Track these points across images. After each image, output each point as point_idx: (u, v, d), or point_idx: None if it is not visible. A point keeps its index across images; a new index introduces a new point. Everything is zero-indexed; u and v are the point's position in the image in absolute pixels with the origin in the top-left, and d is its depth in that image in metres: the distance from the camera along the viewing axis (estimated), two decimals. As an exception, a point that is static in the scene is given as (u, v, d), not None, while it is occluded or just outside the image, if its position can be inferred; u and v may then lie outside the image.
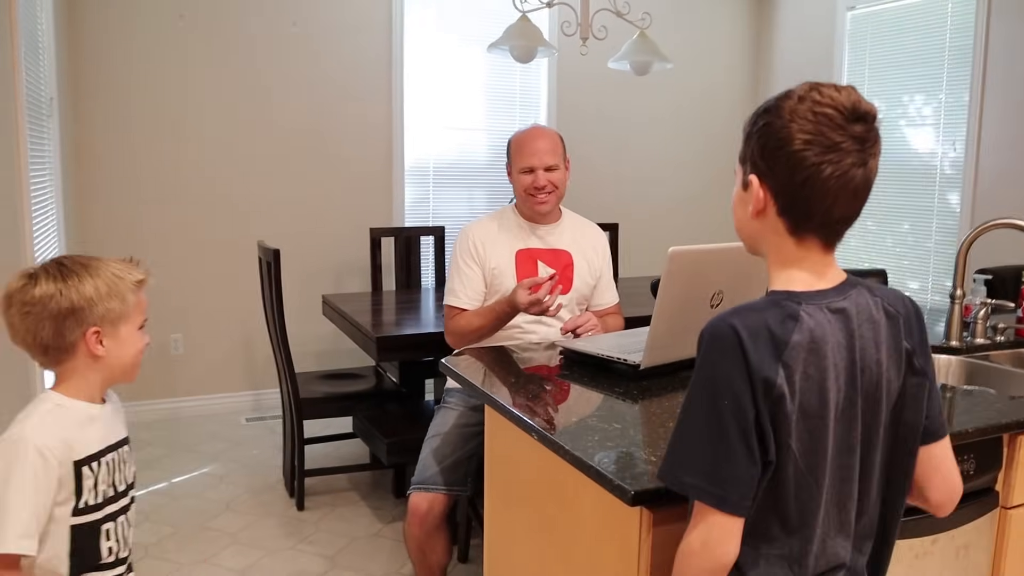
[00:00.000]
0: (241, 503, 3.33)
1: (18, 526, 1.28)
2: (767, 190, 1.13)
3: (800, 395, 1.07)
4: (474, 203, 5.03)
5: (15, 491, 1.29)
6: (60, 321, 1.33)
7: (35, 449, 1.30)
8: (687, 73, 5.36)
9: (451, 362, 2.09)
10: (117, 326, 1.39)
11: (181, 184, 4.32)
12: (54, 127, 3.43)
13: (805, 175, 1.08)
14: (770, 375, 1.05)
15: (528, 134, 2.51)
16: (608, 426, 1.55)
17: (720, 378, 1.06)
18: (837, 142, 1.07)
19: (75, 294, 1.33)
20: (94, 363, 1.38)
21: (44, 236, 3.12)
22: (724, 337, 1.07)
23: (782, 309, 1.09)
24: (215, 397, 4.50)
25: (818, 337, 1.08)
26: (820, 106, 1.08)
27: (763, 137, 1.12)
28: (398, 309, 3.60)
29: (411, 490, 2.30)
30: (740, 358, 1.05)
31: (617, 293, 2.68)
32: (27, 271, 1.36)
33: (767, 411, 1.05)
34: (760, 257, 1.22)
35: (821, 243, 1.14)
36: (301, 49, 4.48)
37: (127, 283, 1.40)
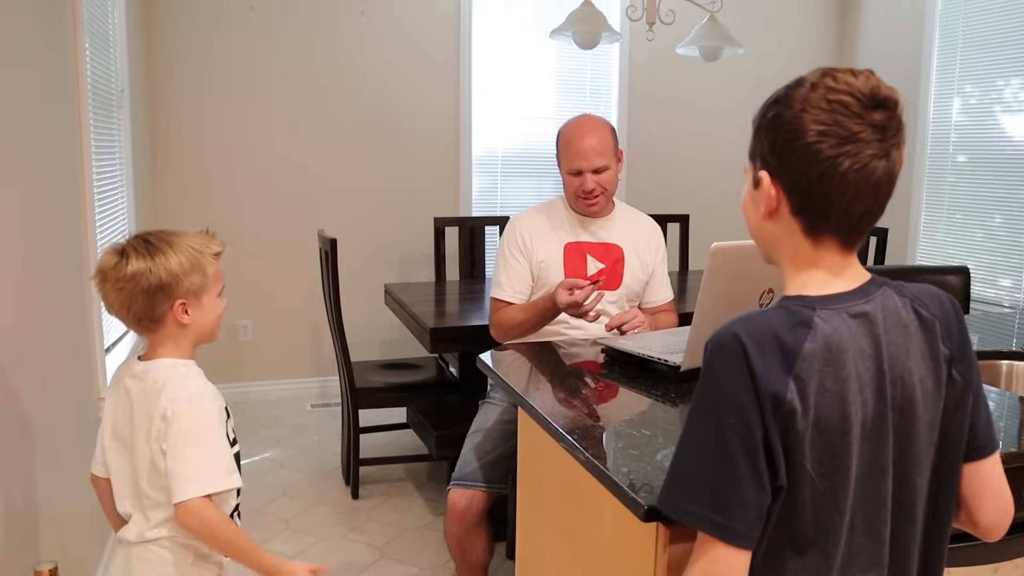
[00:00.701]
0: (298, 489, 3.37)
1: (222, 466, 1.46)
2: (779, 188, 1.03)
3: (816, 410, 0.96)
4: (543, 193, 4.95)
5: (209, 437, 1.46)
6: (151, 296, 1.46)
7: (215, 403, 1.49)
8: (762, 59, 5.15)
9: (492, 357, 2.04)
10: (200, 296, 1.52)
11: (251, 172, 4.39)
12: (125, 117, 3.51)
13: (821, 170, 0.98)
14: (779, 389, 0.94)
15: (576, 130, 2.38)
16: (636, 432, 1.48)
17: (724, 393, 0.96)
18: (855, 132, 0.96)
19: (163, 271, 1.45)
20: (181, 329, 1.52)
21: (113, 223, 3.20)
22: (727, 347, 0.97)
23: (793, 315, 0.99)
24: (282, 383, 4.58)
25: (835, 345, 0.97)
26: (835, 93, 0.97)
27: (773, 130, 1.02)
28: (458, 300, 3.58)
29: (450, 486, 2.26)
30: (745, 371, 0.95)
31: (671, 290, 2.57)
32: (116, 248, 1.48)
33: (776, 429, 0.95)
34: (773, 264, 1.11)
35: (840, 243, 1.03)
36: (369, 37, 4.49)
37: (206, 256, 1.52)
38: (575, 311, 2.18)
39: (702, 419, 0.98)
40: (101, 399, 2.74)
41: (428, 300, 3.47)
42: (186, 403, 1.46)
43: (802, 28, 5.29)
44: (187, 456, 1.44)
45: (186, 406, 1.45)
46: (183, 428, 1.44)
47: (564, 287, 2.18)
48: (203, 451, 1.46)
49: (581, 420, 1.56)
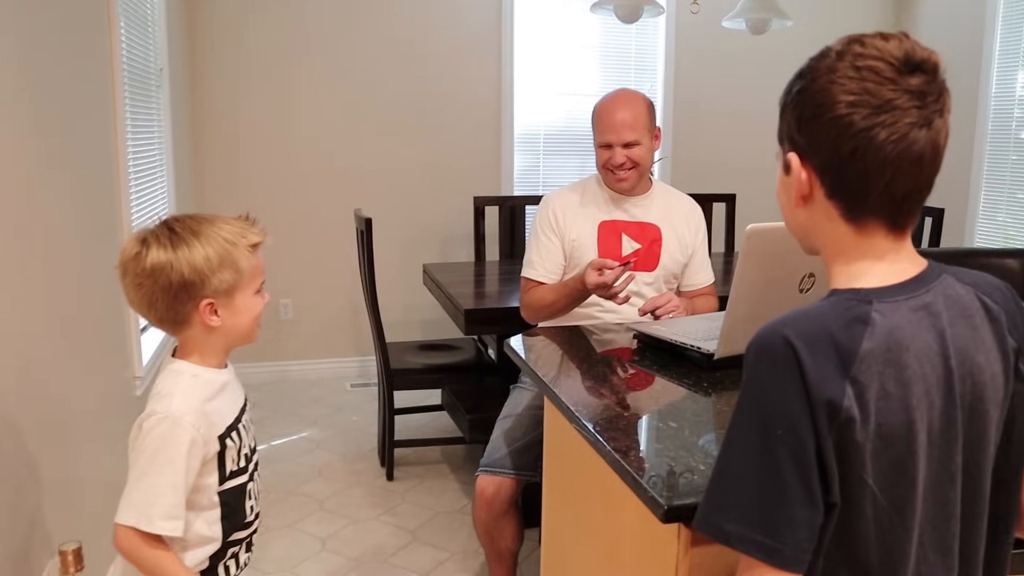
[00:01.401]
0: (333, 470, 3.36)
1: (166, 507, 1.27)
2: (810, 169, 0.93)
3: (877, 417, 0.86)
4: (585, 172, 4.79)
5: (165, 470, 1.27)
6: (172, 295, 1.29)
7: (187, 431, 1.28)
8: (813, 32, 4.93)
9: (522, 342, 1.98)
10: (232, 296, 1.34)
11: (292, 151, 4.38)
12: (164, 97, 3.51)
13: (854, 144, 0.88)
14: (834, 395, 0.84)
15: (610, 104, 2.31)
16: (663, 424, 1.40)
17: (771, 402, 0.86)
18: (889, 99, 0.86)
19: (186, 266, 1.28)
20: (210, 332, 1.35)
21: (152, 203, 3.21)
22: (775, 350, 0.86)
23: (847, 310, 0.88)
24: (322, 362, 4.58)
25: (897, 342, 0.87)
26: (864, 59, 0.88)
27: (799, 106, 0.93)
28: (497, 281, 3.52)
29: (479, 472, 2.21)
30: (796, 376, 0.84)
31: (712, 273, 2.48)
32: (140, 235, 1.32)
33: (832, 441, 0.85)
34: (813, 255, 1.01)
35: (887, 226, 0.92)
36: (410, 13, 4.43)
37: (240, 249, 1.33)
38: (604, 292, 2.10)
39: (747, 431, 0.88)
40: (137, 378, 2.75)
41: (466, 281, 3.42)
42: (158, 422, 1.28)
43: (858, 3, 5.07)
44: (138, 481, 1.28)
45: (157, 426, 1.28)
46: (145, 448, 1.28)
47: (593, 267, 2.10)
48: (152, 483, 1.27)
49: (606, 410, 1.49)
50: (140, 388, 2.74)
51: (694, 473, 1.20)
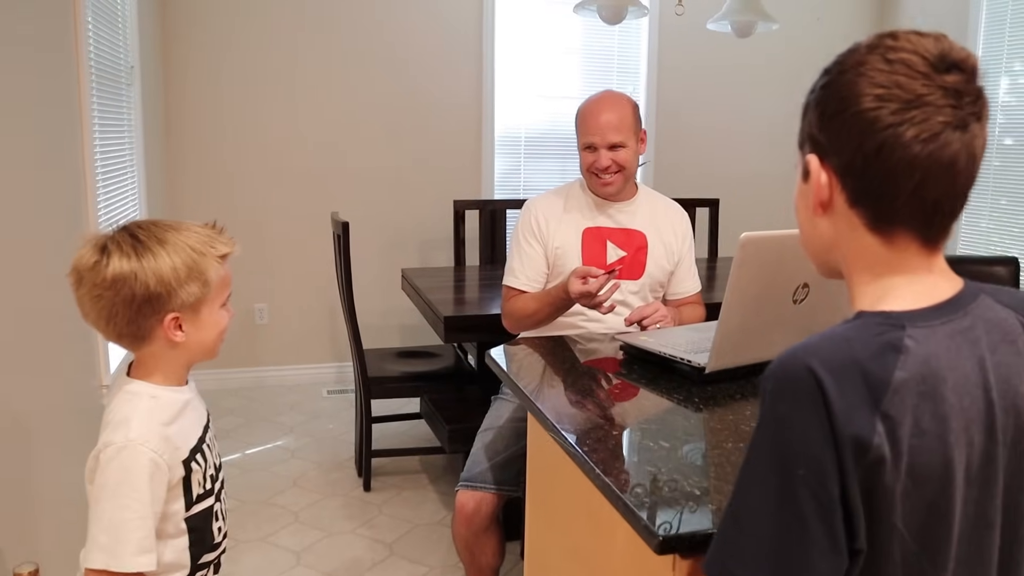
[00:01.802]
0: (308, 480, 3.27)
1: (136, 542, 1.18)
2: (831, 172, 0.84)
3: (910, 456, 0.77)
4: (567, 175, 4.79)
5: (130, 503, 1.18)
6: (135, 309, 1.19)
7: (149, 459, 1.19)
8: (797, 36, 4.93)
9: (504, 352, 1.91)
10: (198, 310, 1.25)
11: (268, 152, 4.28)
12: (135, 96, 3.41)
13: (879, 141, 0.79)
14: (863, 432, 0.76)
15: (594, 105, 2.25)
16: (654, 444, 1.33)
17: (792, 438, 0.77)
18: (921, 94, 0.78)
19: (151, 278, 1.18)
20: (172, 349, 1.25)
21: (122, 205, 3.10)
22: (797, 381, 0.77)
23: (878, 336, 0.79)
24: (298, 368, 4.48)
25: (933, 372, 0.79)
26: (896, 52, 0.80)
27: (822, 102, 0.84)
28: (477, 287, 3.44)
29: (458, 487, 2.14)
30: (821, 409, 0.76)
31: (699, 281, 2.42)
32: (97, 241, 1.21)
33: (858, 481, 0.76)
34: (832, 278, 0.92)
35: (918, 239, 0.83)
36: (390, 14, 4.34)
37: (209, 259, 1.24)
38: (588, 301, 2.03)
39: (764, 469, 0.79)
40: (104, 387, 2.65)
41: (446, 287, 3.34)
42: (116, 452, 1.17)
43: (841, 5, 5.05)
44: (102, 519, 1.18)
45: (116, 456, 1.17)
46: (106, 482, 1.18)
47: (577, 275, 2.03)
48: (119, 519, 1.17)
49: (594, 428, 1.42)
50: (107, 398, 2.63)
51: (690, 500, 1.13)
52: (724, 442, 1.35)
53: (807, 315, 1.71)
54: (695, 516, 1.08)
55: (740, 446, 1.33)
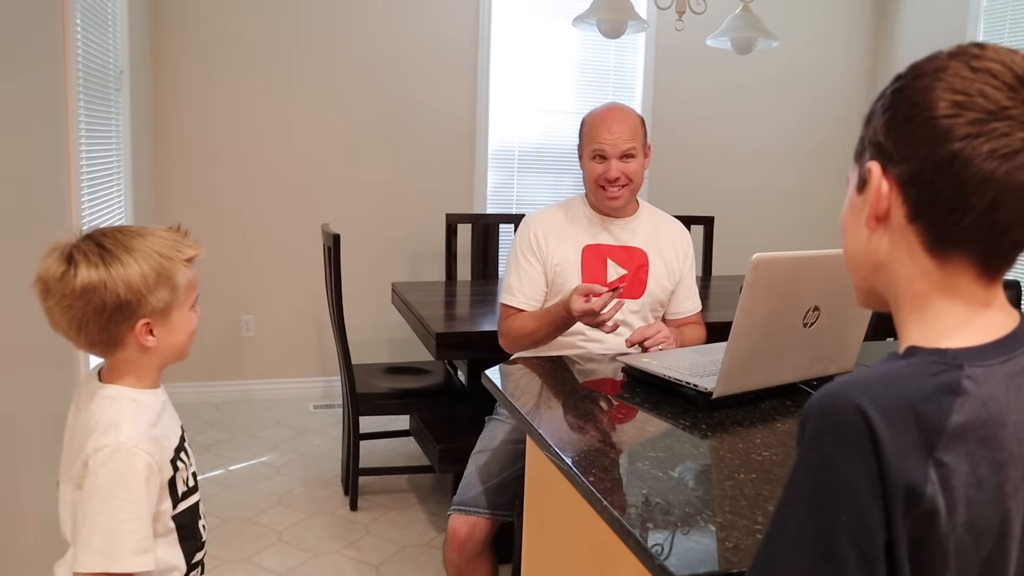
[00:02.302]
0: (293, 498, 3.18)
1: (135, 542, 1.18)
2: (893, 181, 0.76)
3: (967, 508, 0.70)
4: (561, 190, 4.74)
5: (127, 505, 1.18)
6: (106, 317, 1.19)
7: (145, 462, 1.19)
8: (796, 54, 4.91)
9: (501, 372, 1.84)
10: (168, 314, 1.25)
11: (258, 162, 4.21)
12: (124, 101, 3.33)
13: (952, 151, 0.71)
14: (916, 480, 0.69)
15: (604, 114, 2.18)
16: (662, 474, 1.27)
17: (836, 481, 0.70)
18: (1005, 107, 0.71)
19: (121, 286, 1.18)
20: (145, 353, 1.25)
21: (108, 211, 3.03)
22: (845, 420, 0.70)
23: (935, 377, 0.72)
24: (285, 381, 4.39)
25: (992, 417, 0.72)
26: (982, 60, 0.73)
27: (893, 106, 0.76)
28: (468, 302, 3.38)
29: (451, 511, 2.06)
30: (870, 454, 0.69)
31: (699, 301, 2.36)
32: (62, 251, 1.19)
33: (906, 533, 0.69)
34: (880, 309, 0.85)
35: (976, 267, 0.75)
36: (385, 25, 4.29)
37: (176, 263, 1.24)
38: (591, 320, 1.96)
39: (802, 513, 0.72)
40: (83, 398, 2.56)
41: (437, 302, 3.27)
42: (109, 455, 1.17)
43: (837, 22, 5.04)
44: (96, 522, 1.16)
45: (108, 459, 1.17)
46: (99, 486, 1.17)
47: (580, 293, 1.96)
48: (114, 520, 1.16)
49: (598, 457, 1.35)
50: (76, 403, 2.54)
51: (704, 535, 1.06)
52: (736, 472, 1.29)
53: (817, 339, 1.65)
54: (711, 554, 1.01)
55: (752, 477, 1.26)
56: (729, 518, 1.12)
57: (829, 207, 5.17)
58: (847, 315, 1.69)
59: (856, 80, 5.10)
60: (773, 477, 1.27)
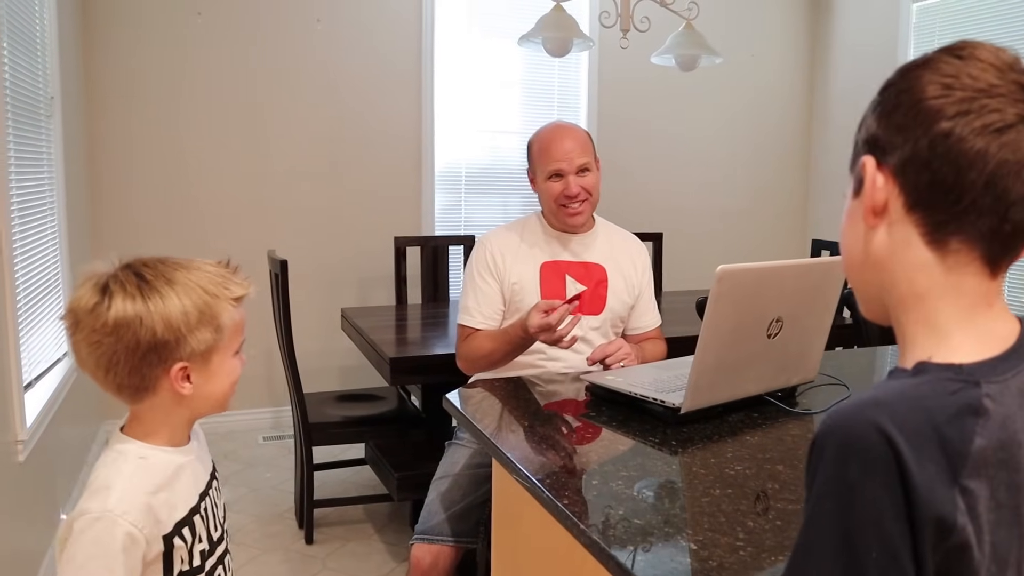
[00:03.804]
0: (246, 534, 3.07)
1: None
2: (888, 172, 0.74)
3: (993, 535, 0.66)
4: (509, 210, 4.72)
5: None
6: (139, 357, 1.06)
7: (125, 532, 1.04)
8: (737, 71, 4.99)
9: (460, 396, 1.79)
10: (209, 358, 1.11)
11: (199, 188, 4.10)
12: (56, 127, 3.21)
13: (943, 129, 0.69)
14: (946, 510, 0.64)
15: (553, 133, 2.17)
16: (637, 494, 1.23)
17: (864, 514, 0.64)
18: (993, 85, 0.69)
19: (159, 323, 1.05)
20: (178, 402, 1.11)
21: (40, 244, 2.90)
22: (868, 444, 0.64)
23: (954, 396, 0.67)
24: (232, 414, 4.25)
25: (1011, 437, 0.68)
26: (967, 50, 0.72)
27: (882, 103, 0.75)
28: (420, 326, 3.32)
29: (413, 540, 2.00)
30: (896, 483, 0.63)
31: (659, 315, 2.34)
32: (98, 280, 1.07)
33: (935, 566, 0.64)
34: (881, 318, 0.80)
35: (980, 254, 0.71)
36: (326, 47, 4.23)
37: (223, 301, 1.12)
38: (548, 337, 1.91)
39: (829, 549, 0.65)
40: (20, 442, 2.44)
41: (388, 326, 3.21)
42: (90, 524, 1.04)
43: (775, 40, 5.14)
44: None
45: (89, 528, 1.04)
46: (73, 555, 1.04)
47: (539, 310, 1.92)
48: None
49: (570, 478, 1.31)
50: (23, 454, 2.42)
51: (686, 554, 1.03)
52: (711, 488, 1.26)
53: (780, 350, 1.64)
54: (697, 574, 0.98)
55: (728, 492, 1.24)
56: (710, 535, 1.09)
57: (774, 221, 5.25)
58: (809, 325, 1.68)
59: (795, 95, 5.20)
60: (748, 491, 1.24)
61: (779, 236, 5.29)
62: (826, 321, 1.72)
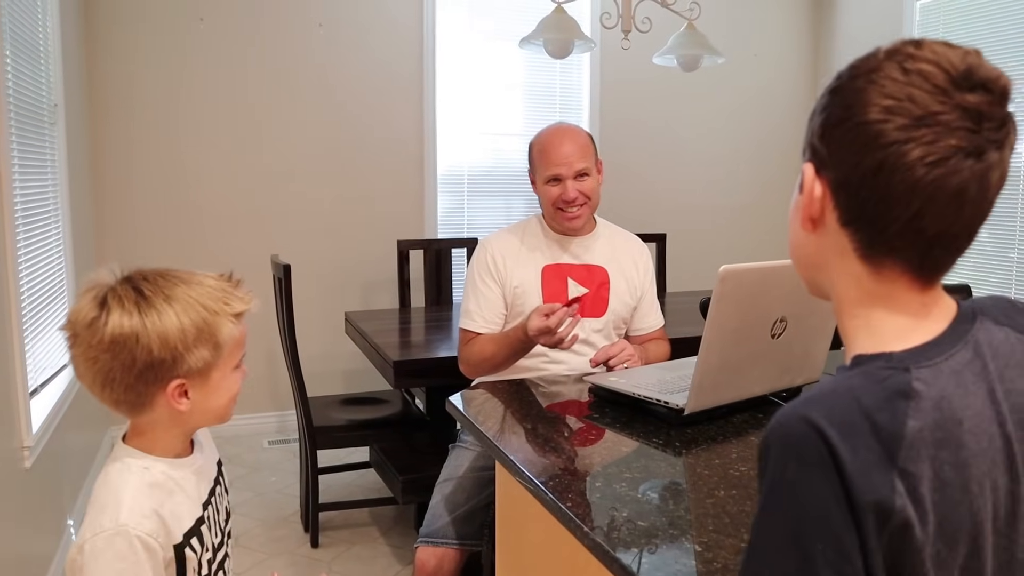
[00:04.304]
0: (252, 538, 3.07)
1: None
2: (826, 185, 0.76)
3: (936, 514, 0.68)
4: (512, 213, 4.72)
5: None
6: (136, 375, 1.05)
7: (140, 542, 1.03)
8: (739, 71, 4.99)
9: (463, 398, 1.79)
10: (207, 375, 1.10)
11: (202, 194, 4.11)
12: (59, 135, 3.22)
13: (879, 159, 0.70)
14: (883, 495, 0.66)
15: (553, 136, 2.16)
16: (642, 496, 1.23)
17: (806, 510, 0.67)
18: (934, 112, 0.69)
19: (155, 340, 1.04)
20: (176, 417, 1.11)
21: (45, 251, 2.91)
22: (802, 440, 0.67)
23: (883, 383, 0.70)
24: (237, 418, 4.23)
25: (947, 416, 0.70)
26: (916, 61, 0.71)
27: (828, 107, 0.76)
28: (424, 329, 3.32)
29: (418, 543, 2.00)
30: (832, 474, 0.66)
31: (662, 316, 2.34)
32: (97, 293, 1.06)
33: (883, 551, 0.66)
34: (819, 297, 0.84)
35: (910, 274, 0.75)
36: (327, 52, 4.24)
37: (223, 318, 1.09)
38: (548, 340, 1.90)
39: (778, 552, 0.67)
40: (26, 448, 2.44)
41: (392, 330, 3.21)
42: (107, 542, 1.02)
43: (777, 39, 5.14)
44: None
45: (107, 546, 1.02)
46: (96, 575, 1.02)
47: (540, 313, 1.91)
48: None
49: (573, 480, 1.31)
50: (29, 460, 2.42)
51: (690, 556, 1.03)
52: (715, 489, 1.26)
53: (784, 350, 1.64)
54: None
55: (733, 493, 1.23)
56: (714, 537, 1.08)
57: (778, 220, 5.24)
58: (813, 325, 1.68)
59: (798, 94, 5.19)
60: (753, 492, 1.24)
61: (782, 236, 5.27)
62: (829, 321, 1.71)
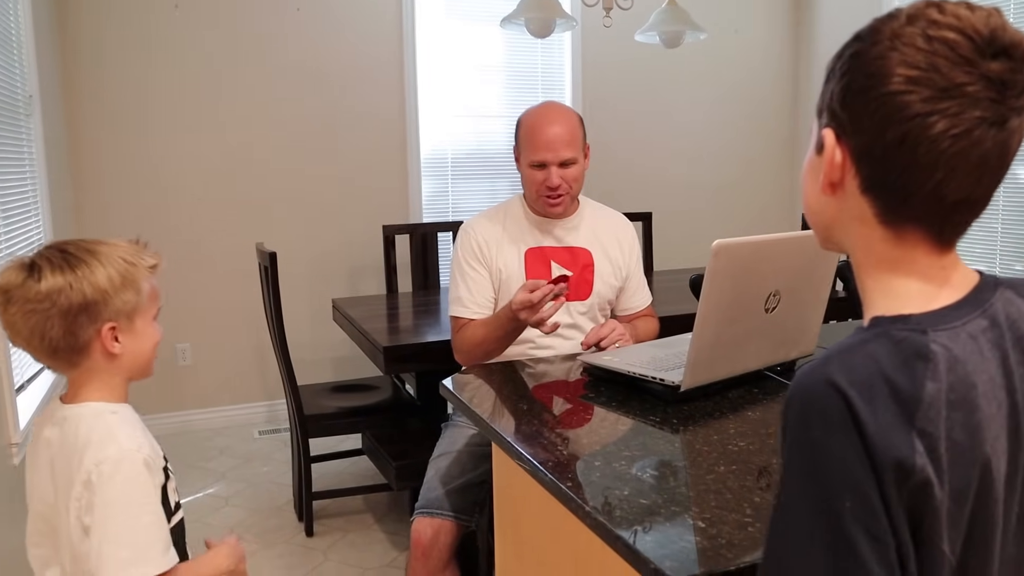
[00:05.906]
0: (246, 528, 3.06)
1: (162, 540, 1.18)
2: (847, 152, 0.76)
3: (950, 473, 0.69)
4: (496, 195, 4.69)
5: (145, 509, 1.18)
6: (71, 318, 1.18)
7: (143, 462, 1.18)
8: (721, 47, 4.97)
9: (456, 382, 1.78)
10: (133, 319, 1.24)
11: (183, 183, 4.06)
12: (36, 126, 3.17)
13: (904, 130, 0.71)
14: (904, 454, 0.67)
15: (541, 116, 2.11)
16: (642, 474, 1.22)
17: (832, 469, 0.67)
18: (960, 83, 0.69)
19: (87, 286, 1.18)
20: (111, 363, 1.24)
21: (26, 242, 2.87)
22: (824, 401, 0.68)
23: (900, 344, 0.71)
24: (226, 409, 4.24)
25: (962, 379, 0.71)
26: (939, 28, 0.70)
27: (848, 73, 0.75)
28: (412, 314, 3.30)
29: (415, 515, 1.98)
30: (854, 433, 0.67)
31: (649, 293, 2.33)
32: (23, 261, 1.19)
33: (904, 509, 0.67)
34: (833, 251, 0.86)
35: (929, 239, 0.76)
36: (305, 34, 4.19)
37: (140, 269, 1.25)
38: (530, 315, 1.85)
39: (806, 510, 0.68)
40: (13, 444, 2.41)
41: (380, 315, 3.19)
42: (115, 465, 1.15)
43: (758, 14, 5.11)
44: (120, 534, 1.14)
45: (116, 469, 1.15)
46: (113, 497, 1.14)
47: (526, 288, 1.86)
48: (139, 525, 1.16)
49: (572, 460, 1.30)
50: (17, 457, 2.39)
51: (694, 533, 1.02)
52: (715, 465, 1.25)
53: (779, 324, 1.64)
54: (706, 552, 0.97)
55: (733, 468, 1.23)
56: (717, 513, 1.08)
57: (764, 196, 5.25)
58: (806, 298, 1.68)
59: (780, 69, 5.18)
60: (753, 467, 1.24)
61: (768, 211, 5.28)
62: (823, 293, 1.71)
